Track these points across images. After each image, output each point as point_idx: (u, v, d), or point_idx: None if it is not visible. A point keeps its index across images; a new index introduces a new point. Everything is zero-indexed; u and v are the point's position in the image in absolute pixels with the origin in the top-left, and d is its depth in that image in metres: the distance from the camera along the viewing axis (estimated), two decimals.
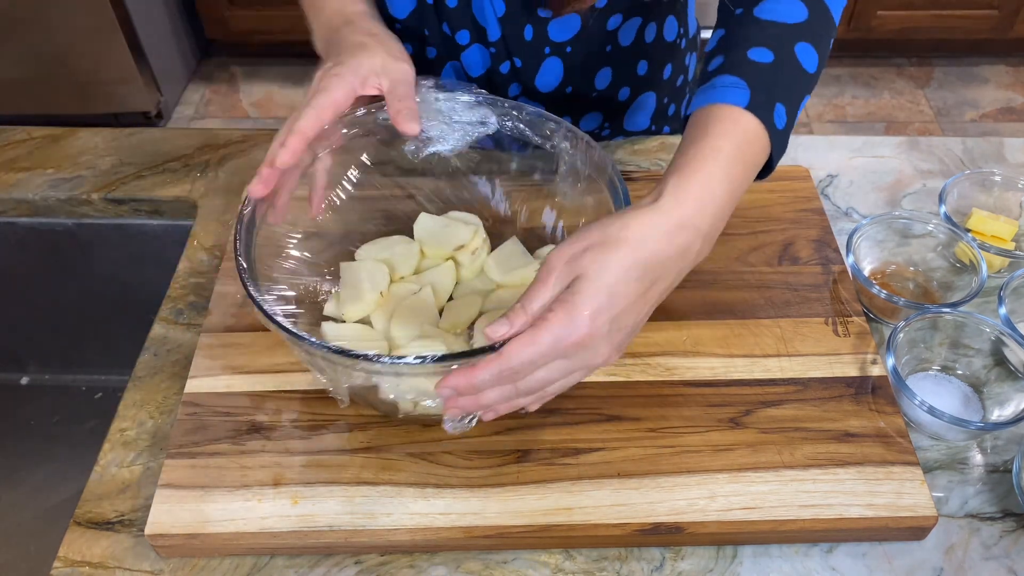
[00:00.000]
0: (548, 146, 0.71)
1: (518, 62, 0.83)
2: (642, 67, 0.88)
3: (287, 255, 0.71)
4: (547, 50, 0.82)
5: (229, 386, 0.71)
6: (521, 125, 0.70)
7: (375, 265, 0.73)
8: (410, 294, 0.72)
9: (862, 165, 0.95)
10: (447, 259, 0.76)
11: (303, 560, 0.64)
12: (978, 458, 0.70)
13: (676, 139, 0.97)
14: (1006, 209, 0.87)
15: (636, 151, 0.95)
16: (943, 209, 0.83)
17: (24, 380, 1.11)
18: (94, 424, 1.06)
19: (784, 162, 0.93)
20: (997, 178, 0.87)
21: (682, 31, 0.90)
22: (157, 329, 0.79)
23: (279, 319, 0.57)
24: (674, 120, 1.00)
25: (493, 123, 0.68)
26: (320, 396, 0.70)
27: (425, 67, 0.83)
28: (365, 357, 0.54)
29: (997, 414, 0.71)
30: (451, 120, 0.68)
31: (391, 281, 0.73)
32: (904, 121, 2.43)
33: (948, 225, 0.80)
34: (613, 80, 0.88)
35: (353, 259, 0.75)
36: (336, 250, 0.75)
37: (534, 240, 0.77)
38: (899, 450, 0.67)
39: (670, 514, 0.63)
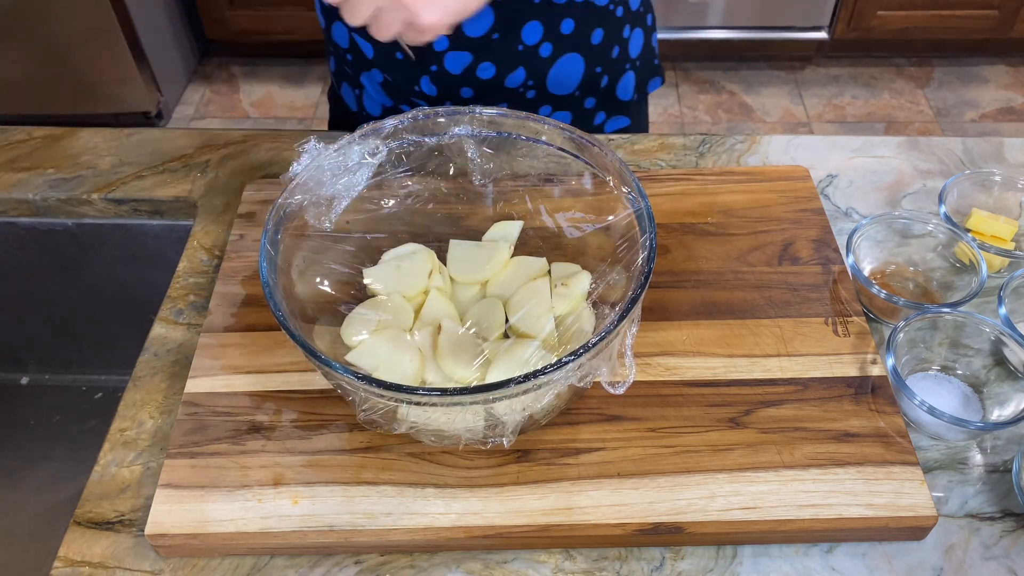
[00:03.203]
0: (543, 145, 0.71)
1: None
2: (567, 25, 0.89)
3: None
4: None
5: (229, 386, 0.71)
6: (509, 125, 0.71)
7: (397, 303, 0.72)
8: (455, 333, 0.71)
9: (862, 165, 0.95)
10: (480, 284, 0.75)
11: (303, 560, 0.64)
12: (978, 458, 0.70)
13: (676, 139, 0.97)
14: (1006, 209, 0.87)
15: (636, 151, 0.95)
16: (943, 209, 0.83)
17: (24, 380, 1.11)
18: (94, 424, 1.06)
19: (784, 162, 0.94)
20: (997, 178, 0.87)
21: None
22: (157, 329, 0.79)
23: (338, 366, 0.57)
24: (607, 95, 0.99)
25: (383, 150, 0.71)
26: (320, 396, 0.70)
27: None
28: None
29: (997, 414, 0.71)
30: (346, 167, 0.70)
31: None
32: (904, 121, 2.43)
33: (948, 225, 0.80)
34: (540, 35, 0.89)
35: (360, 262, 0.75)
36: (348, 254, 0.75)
37: (535, 239, 0.78)
38: (899, 450, 0.67)
39: (670, 514, 0.63)
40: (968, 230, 0.84)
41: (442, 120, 0.72)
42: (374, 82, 0.97)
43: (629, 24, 0.95)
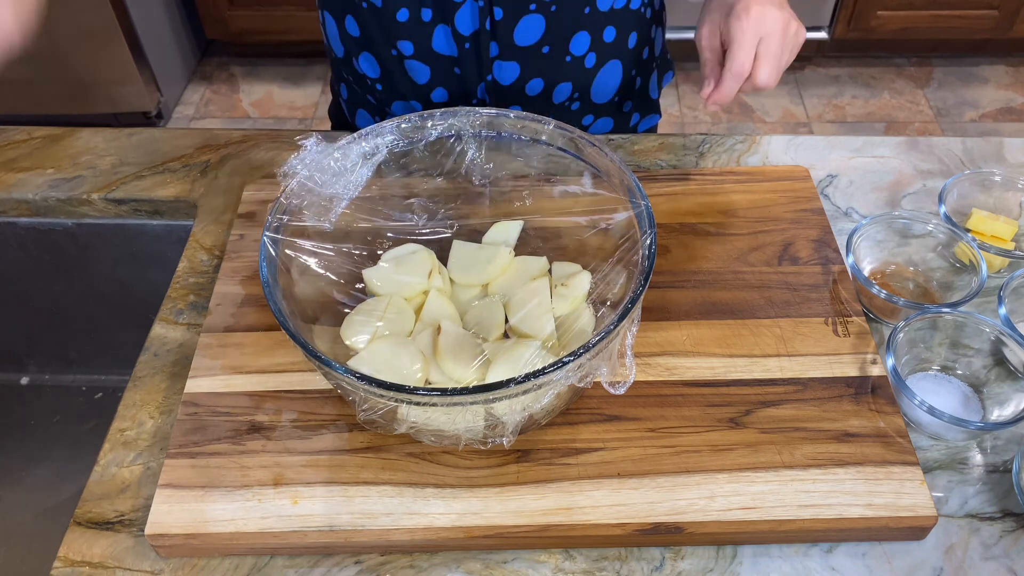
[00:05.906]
0: (543, 145, 0.71)
1: (499, 13, 0.84)
2: (609, 33, 0.90)
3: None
4: (532, 6, 0.84)
5: (229, 386, 0.71)
6: (509, 125, 0.71)
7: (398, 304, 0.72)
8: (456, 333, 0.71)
9: (862, 165, 0.95)
10: (481, 285, 0.75)
11: (303, 560, 0.64)
12: (978, 458, 0.70)
13: (676, 139, 0.97)
14: (1006, 209, 0.87)
15: (636, 151, 0.95)
16: (943, 209, 0.83)
17: (24, 380, 1.11)
18: (94, 424, 1.06)
19: (784, 162, 0.94)
20: (997, 178, 0.87)
21: (647, 0, 0.92)
22: (157, 329, 0.79)
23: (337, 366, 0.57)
24: (640, 96, 1.00)
25: (383, 149, 0.71)
26: (320, 396, 0.70)
27: (419, 31, 0.86)
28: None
29: (997, 414, 0.71)
30: (346, 167, 0.70)
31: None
32: (904, 121, 2.43)
33: (948, 225, 0.80)
34: (588, 45, 0.89)
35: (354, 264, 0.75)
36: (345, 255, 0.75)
37: (535, 239, 0.78)
38: (899, 450, 0.67)
39: (670, 514, 0.63)
40: (968, 230, 0.84)
41: (442, 120, 0.72)
42: (412, 110, 0.96)
43: (655, 24, 0.97)
